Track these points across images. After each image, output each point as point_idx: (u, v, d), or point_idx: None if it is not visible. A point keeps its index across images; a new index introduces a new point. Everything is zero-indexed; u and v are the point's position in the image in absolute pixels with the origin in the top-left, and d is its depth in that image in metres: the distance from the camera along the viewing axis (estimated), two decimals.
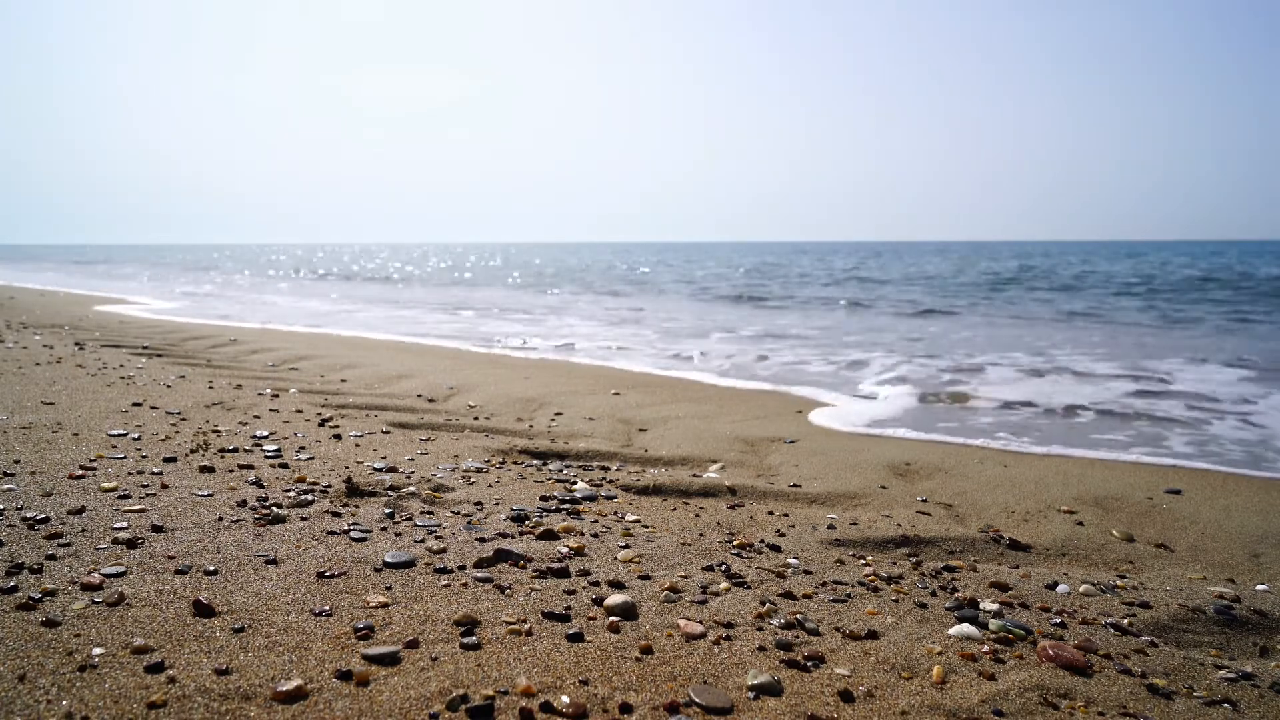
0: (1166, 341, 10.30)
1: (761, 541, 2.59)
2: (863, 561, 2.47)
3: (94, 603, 1.82)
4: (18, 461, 2.95)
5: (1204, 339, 10.60)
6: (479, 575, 2.13)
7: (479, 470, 3.29)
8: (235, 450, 3.33)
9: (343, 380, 5.61)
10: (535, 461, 3.54)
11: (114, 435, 3.45)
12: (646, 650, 1.76)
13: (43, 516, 2.36)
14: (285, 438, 3.64)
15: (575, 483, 3.18)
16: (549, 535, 2.50)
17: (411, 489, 2.93)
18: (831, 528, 2.79)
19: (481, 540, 2.43)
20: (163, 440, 3.44)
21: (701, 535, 2.63)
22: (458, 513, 2.70)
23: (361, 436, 3.76)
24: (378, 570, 2.14)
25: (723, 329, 11.45)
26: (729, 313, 14.63)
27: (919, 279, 25.66)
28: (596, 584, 2.13)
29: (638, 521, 2.74)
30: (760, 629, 1.91)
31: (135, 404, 4.17)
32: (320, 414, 4.23)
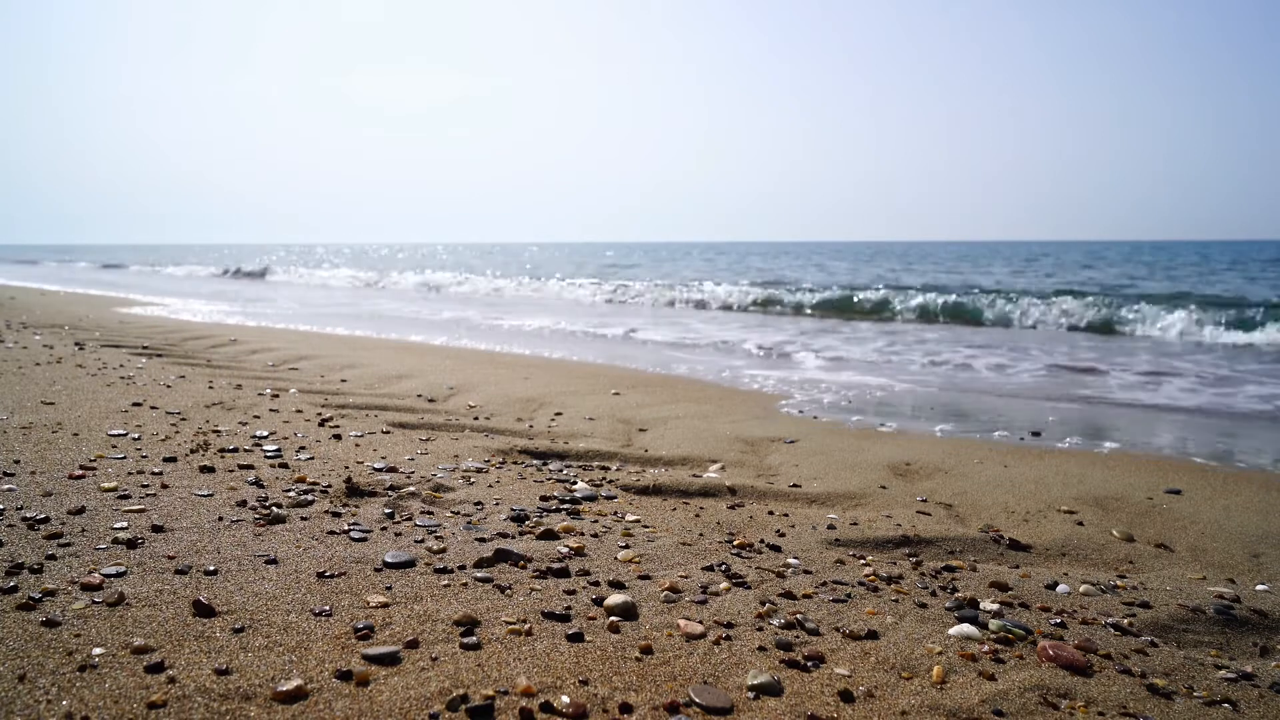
0: None
1: (761, 541, 2.59)
2: (863, 561, 2.47)
3: (94, 603, 1.82)
4: (18, 461, 2.95)
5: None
6: (479, 575, 2.13)
7: (479, 470, 3.29)
8: (235, 450, 3.33)
9: (343, 380, 5.61)
10: (535, 461, 3.54)
11: (114, 435, 3.45)
12: (646, 650, 1.76)
13: (43, 516, 2.36)
14: (285, 438, 3.64)
15: (575, 483, 3.18)
16: (549, 535, 2.50)
17: (411, 489, 2.93)
18: (831, 528, 2.78)
19: (481, 540, 2.43)
20: (163, 440, 3.44)
21: (701, 535, 2.63)
22: (458, 513, 2.70)
23: (361, 436, 3.76)
24: (378, 570, 2.14)
25: None
26: None
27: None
28: (596, 584, 2.13)
29: (638, 521, 2.74)
30: (760, 629, 1.91)
31: (135, 404, 4.17)
32: (320, 414, 4.23)
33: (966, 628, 1.97)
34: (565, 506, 2.84)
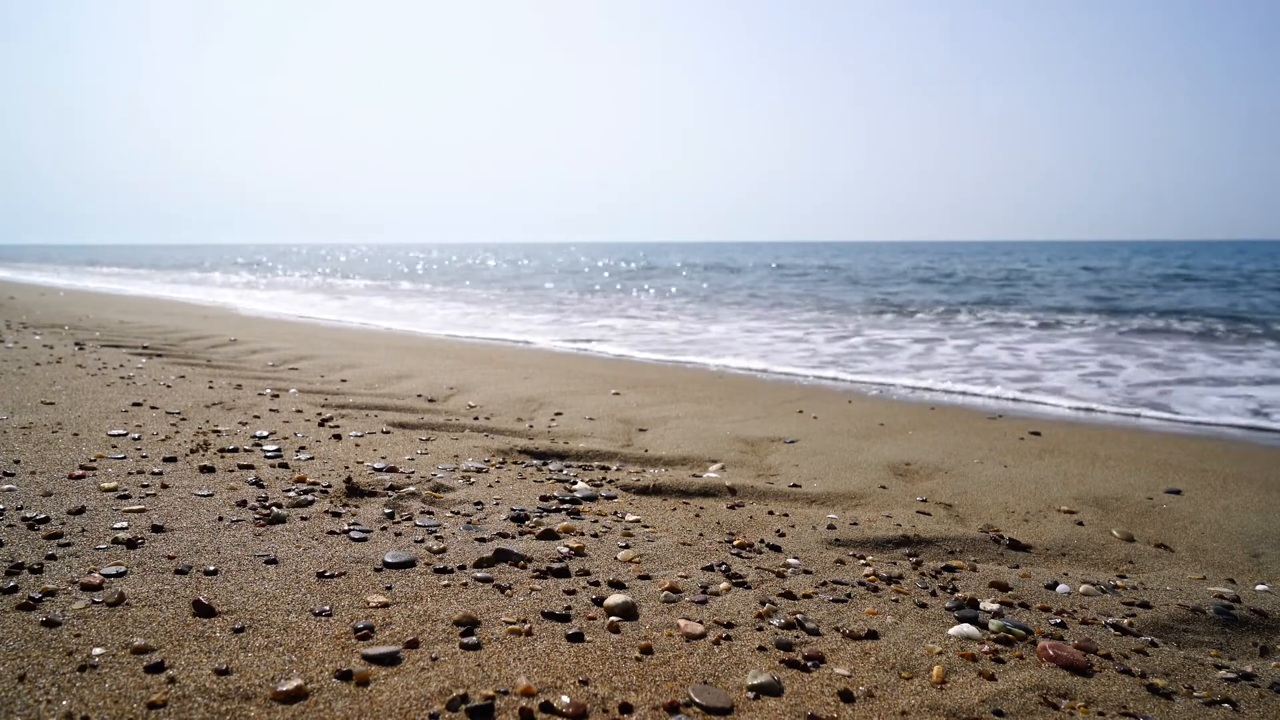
0: None
1: (761, 541, 2.59)
2: (863, 561, 2.47)
3: (94, 603, 1.82)
4: (18, 461, 2.95)
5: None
6: (479, 575, 2.13)
7: (479, 470, 3.29)
8: (235, 450, 3.33)
9: (343, 380, 5.61)
10: (535, 461, 3.54)
11: (114, 435, 3.45)
12: (646, 650, 1.76)
13: (43, 516, 2.36)
14: (285, 438, 3.64)
15: (575, 483, 3.18)
16: (549, 535, 2.50)
17: (411, 489, 2.93)
18: (831, 528, 2.79)
19: (481, 540, 2.43)
20: (163, 440, 3.44)
21: (701, 535, 2.63)
22: (458, 513, 2.70)
23: (361, 436, 3.76)
24: (378, 570, 2.14)
25: None
26: None
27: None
28: (596, 584, 2.13)
29: (638, 521, 2.74)
30: (760, 629, 1.91)
31: (135, 404, 4.17)
32: (320, 414, 4.23)
33: (966, 628, 1.97)
34: (565, 506, 2.84)
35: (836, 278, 27.42)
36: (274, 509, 2.58)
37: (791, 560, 2.42)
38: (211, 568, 2.06)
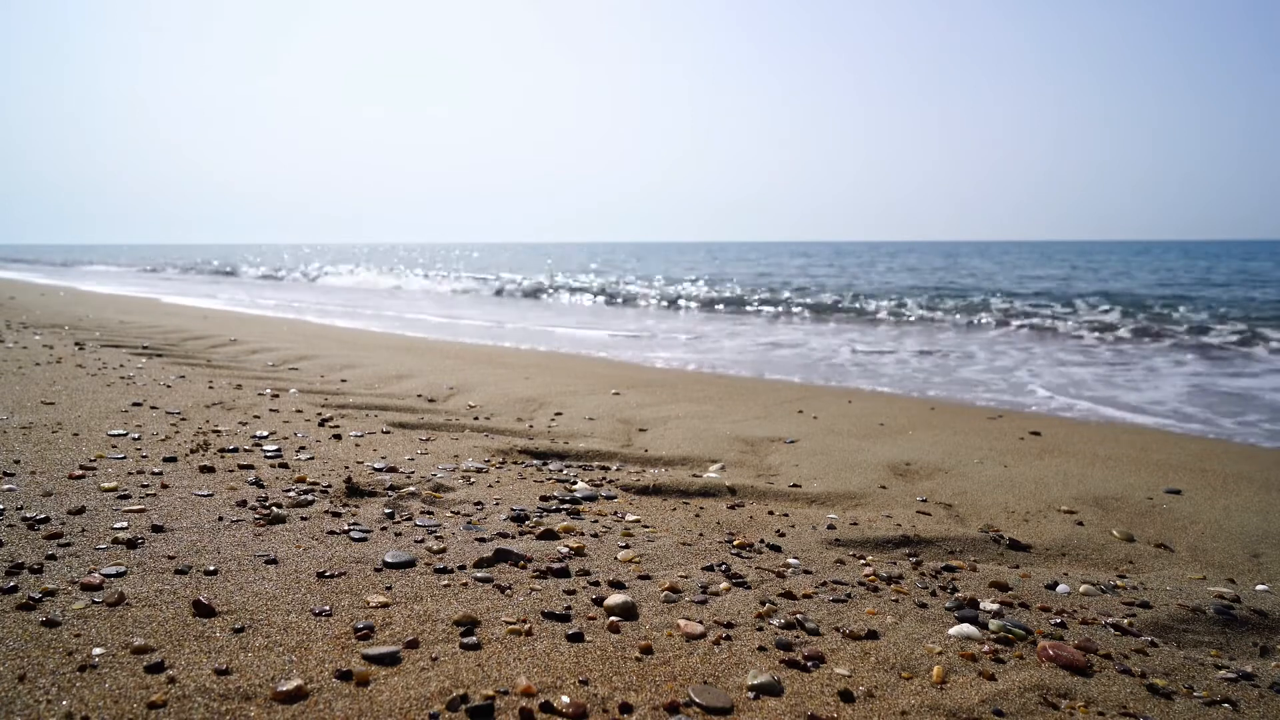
0: None
1: (761, 541, 2.59)
2: (863, 561, 2.47)
3: (94, 603, 1.82)
4: (18, 461, 2.95)
5: None
6: (479, 575, 2.13)
7: (479, 470, 3.29)
8: (235, 450, 3.33)
9: (343, 380, 5.61)
10: (535, 461, 3.54)
11: (114, 435, 3.45)
12: (646, 650, 1.76)
13: (43, 516, 2.36)
14: (285, 438, 3.64)
15: (575, 483, 3.18)
16: (549, 535, 2.50)
17: (411, 489, 2.93)
18: (831, 528, 2.79)
19: (481, 540, 2.43)
20: (163, 440, 3.44)
21: (701, 535, 2.63)
22: (458, 513, 2.70)
23: (361, 436, 3.76)
24: (378, 570, 2.14)
25: None
26: None
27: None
28: (596, 584, 2.13)
29: (638, 521, 2.74)
30: (760, 629, 1.91)
31: (135, 404, 4.17)
32: (320, 414, 4.23)
33: (966, 628, 1.97)
34: (565, 506, 2.84)
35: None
36: (274, 509, 2.58)
37: (791, 560, 2.42)
38: (211, 568, 2.06)
